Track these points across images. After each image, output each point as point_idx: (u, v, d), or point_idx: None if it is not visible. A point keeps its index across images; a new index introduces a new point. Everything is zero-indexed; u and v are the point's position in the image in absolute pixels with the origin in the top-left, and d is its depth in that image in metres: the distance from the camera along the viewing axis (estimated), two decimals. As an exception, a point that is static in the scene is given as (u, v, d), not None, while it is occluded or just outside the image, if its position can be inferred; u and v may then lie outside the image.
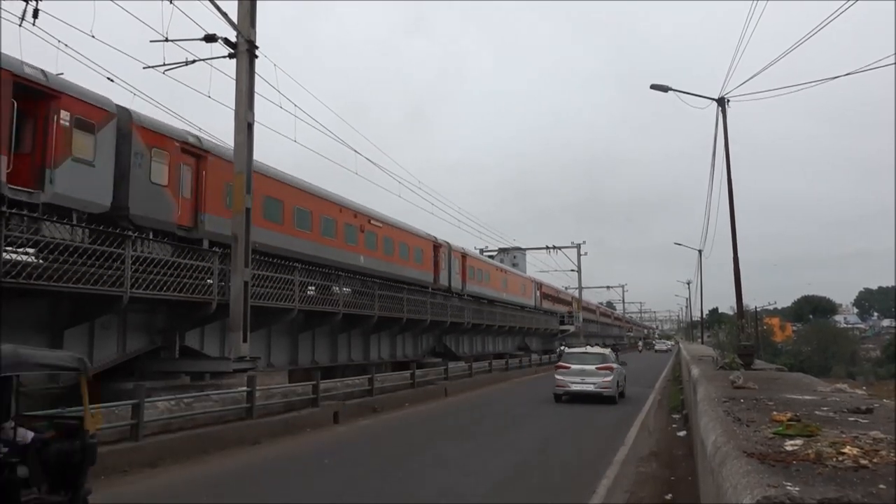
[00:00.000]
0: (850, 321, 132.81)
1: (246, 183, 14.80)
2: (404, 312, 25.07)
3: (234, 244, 14.64)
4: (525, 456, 11.75)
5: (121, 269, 12.11)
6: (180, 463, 10.56)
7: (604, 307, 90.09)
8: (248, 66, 14.75)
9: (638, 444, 12.74)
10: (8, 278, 10.14)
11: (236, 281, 14.56)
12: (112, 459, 9.57)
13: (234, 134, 14.88)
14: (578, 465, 11.00)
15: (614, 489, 8.99)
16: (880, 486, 2.80)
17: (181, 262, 13.78)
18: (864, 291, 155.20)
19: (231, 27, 14.54)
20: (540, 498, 8.91)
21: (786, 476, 2.99)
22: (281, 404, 14.89)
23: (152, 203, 14.10)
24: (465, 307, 33.24)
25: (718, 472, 3.60)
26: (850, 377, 49.82)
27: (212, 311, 14.71)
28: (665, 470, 10.13)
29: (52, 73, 12.11)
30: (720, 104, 18.87)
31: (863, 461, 3.30)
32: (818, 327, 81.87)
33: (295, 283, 17.68)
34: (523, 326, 45.33)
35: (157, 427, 11.12)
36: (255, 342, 16.20)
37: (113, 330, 13.73)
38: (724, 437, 4.29)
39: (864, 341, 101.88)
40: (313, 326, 20.27)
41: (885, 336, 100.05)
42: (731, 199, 19.05)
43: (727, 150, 19.29)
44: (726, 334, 27.96)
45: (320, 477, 9.96)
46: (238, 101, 14.81)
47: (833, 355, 69.40)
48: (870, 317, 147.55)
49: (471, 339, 36.89)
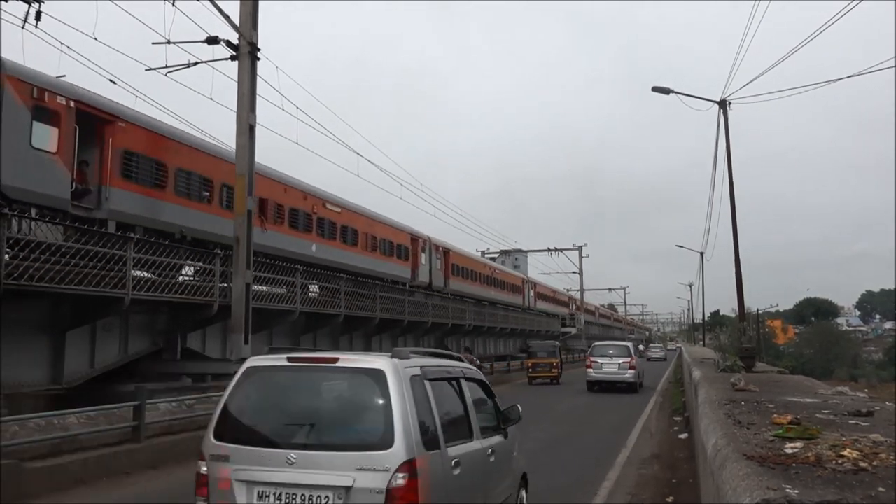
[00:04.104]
0: (853, 323, 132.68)
1: (248, 185, 14.81)
2: (406, 315, 25.11)
3: (235, 246, 14.66)
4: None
5: (122, 271, 12.14)
6: (182, 465, 10.52)
7: (604, 309, 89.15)
8: (249, 68, 14.77)
9: (639, 447, 12.73)
10: (9, 280, 10.15)
11: (238, 283, 14.58)
12: (114, 461, 9.58)
13: (236, 136, 14.90)
14: (579, 465, 10.98)
15: (616, 491, 8.99)
16: (879, 488, 2.80)
17: (79, 249, 11.61)
18: (866, 294, 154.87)
19: (233, 29, 14.57)
20: (540, 498, 8.90)
21: (785, 478, 3.00)
22: (282, 406, 14.87)
23: (34, 173, 11.70)
24: (466, 309, 33.20)
25: (718, 474, 3.61)
26: (853, 379, 49.78)
27: (213, 313, 14.74)
28: (666, 472, 10.13)
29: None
30: (722, 106, 18.89)
31: (862, 464, 3.30)
32: (820, 330, 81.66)
33: (296, 284, 17.71)
34: (525, 328, 45.33)
35: (159, 429, 11.11)
36: (256, 344, 16.21)
37: (115, 332, 13.76)
38: (725, 440, 4.30)
39: (867, 344, 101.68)
40: (315, 328, 20.29)
41: (887, 338, 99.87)
42: (732, 202, 19.07)
43: (729, 152, 19.34)
44: (728, 337, 27.98)
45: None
46: (240, 104, 14.83)
47: (835, 358, 69.27)
48: (872, 319, 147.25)
49: (472, 341, 36.91)
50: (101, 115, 13.35)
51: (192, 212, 15.46)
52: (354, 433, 4.52)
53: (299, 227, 19.77)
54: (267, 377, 4.83)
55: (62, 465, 8.79)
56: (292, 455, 4.27)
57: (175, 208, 14.95)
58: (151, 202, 14.44)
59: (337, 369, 4.69)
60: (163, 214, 14.60)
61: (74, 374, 12.66)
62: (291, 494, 4.22)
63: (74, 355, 12.69)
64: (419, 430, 4.33)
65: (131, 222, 13.71)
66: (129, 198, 13.76)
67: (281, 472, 4.25)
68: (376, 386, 4.40)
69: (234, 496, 4.34)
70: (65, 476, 8.67)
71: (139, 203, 14.06)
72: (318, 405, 4.80)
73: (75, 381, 12.67)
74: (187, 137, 15.81)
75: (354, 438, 4.45)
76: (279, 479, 4.25)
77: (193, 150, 15.91)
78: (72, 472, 8.79)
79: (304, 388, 4.81)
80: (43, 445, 8.91)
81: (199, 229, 15.54)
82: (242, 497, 4.32)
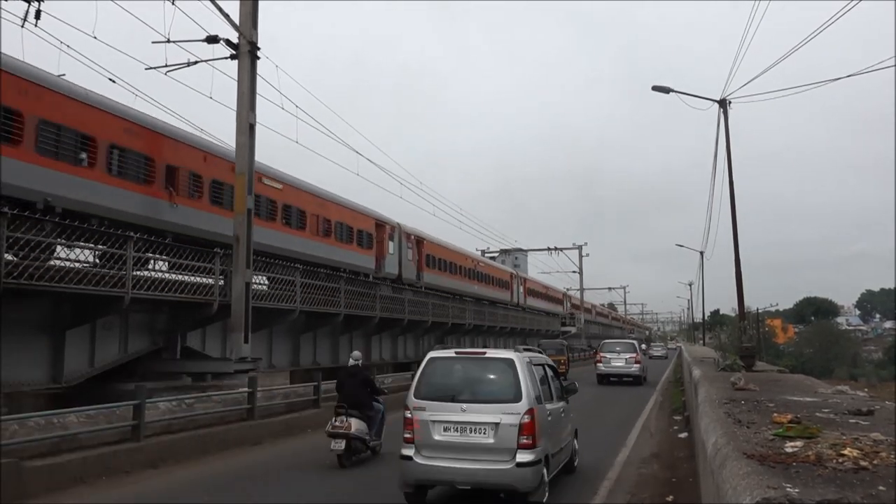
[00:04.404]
0: (852, 323, 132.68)
1: (248, 184, 14.81)
2: (406, 314, 25.07)
3: (235, 245, 14.66)
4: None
5: (123, 270, 12.13)
6: (182, 464, 10.57)
7: (600, 307, 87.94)
8: (249, 67, 14.77)
9: (639, 446, 12.72)
10: (9, 278, 10.14)
11: (237, 282, 14.58)
12: (113, 460, 9.58)
13: (236, 135, 14.90)
14: (580, 465, 10.97)
15: (616, 490, 8.99)
16: (880, 487, 2.80)
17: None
18: (866, 293, 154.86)
19: (233, 28, 14.57)
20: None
21: (786, 477, 3.00)
22: (282, 405, 14.90)
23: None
24: (466, 308, 33.18)
25: (719, 473, 3.60)
26: (853, 379, 49.77)
27: (213, 312, 14.73)
28: (666, 471, 10.12)
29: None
30: (722, 105, 18.88)
31: (863, 463, 3.30)
32: (820, 329, 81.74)
33: (297, 283, 17.70)
34: (525, 328, 45.39)
35: (159, 428, 11.12)
36: (256, 343, 16.22)
37: (115, 330, 13.76)
38: (725, 439, 4.29)
39: (866, 343, 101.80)
40: (315, 327, 20.29)
41: (887, 338, 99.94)
42: (732, 201, 19.06)
43: (729, 151, 19.33)
44: (728, 336, 27.99)
45: (321, 478, 9.97)
46: (239, 102, 14.84)
47: (835, 357, 69.35)
48: (872, 318, 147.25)
49: (472, 339, 36.92)
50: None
51: (61, 176, 12.18)
52: (499, 393, 7.70)
53: (223, 203, 15.92)
54: (443, 362, 8.23)
55: (62, 463, 8.79)
56: (463, 406, 7.54)
57: (35, 170, 11.62)
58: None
59: (486, 358, 8.26)
60: (15, 177, 11.18)
61: (74, 372, 12.66)
62: (464, 427, 7.46)
63: (74, 354, 12.68)
64: (532, 393, 7.62)
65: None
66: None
67: (457, 415, 7.49)
68: (509, 368, 7.73)
69: (430, 429, 7.57)
70: (64, 475, 8.68)
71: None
72: (475, 377, 8.08)
73: (75, 380, 12.66)
74: (57, 82, 12.34)
75: (499, 396, 7.64)
76: (456, 419, 7.49)
77: (68, 98, 12.46)
78: (71, 470, 8.80)
79: (467, 368, 8.24)
80: (43, 444, 8.92)
81: (71, 199, 12.27)
82: (435, 430, 7.54)
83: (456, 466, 7.46)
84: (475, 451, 7.46)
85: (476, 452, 7.46)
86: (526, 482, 7.33)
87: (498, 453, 7.38)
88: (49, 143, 12.01)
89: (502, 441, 7.37)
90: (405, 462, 7.68)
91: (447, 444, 7.50)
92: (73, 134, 12.48)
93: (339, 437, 10.41)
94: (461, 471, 7.46)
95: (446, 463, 7.47)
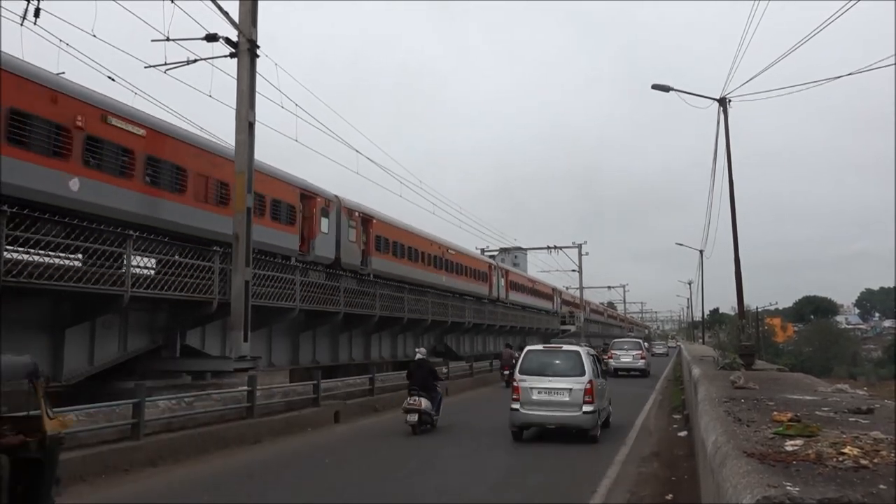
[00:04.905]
0: (852, 321, 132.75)
1: (248, 182, 14.79)
2: (406, 313, 25.05)
3: (235, 243, 14.65)
4: (524, 458, 11.74)
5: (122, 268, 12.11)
6: (181, 462, 10.57)
7: (596, 304, 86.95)
8: (249, 65, 14.76)
9: (639, 445, 12.73)
10: (9, 277, 10.14)
11: (237, 280, 14.57)
12: (113, 458, 9.59)
13: (236, 133, 14.88)
14: (579, 466, 10.98)
15: (615, 489, 8.99)
16: (881, 486, 2.79)
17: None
18: (865, 292, 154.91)
19: (232, 26, 14.55)
20: (540, 497, 8.91)
21: (786, 476, 2.99)
22: (282, 404, 14.91)
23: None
24: (465, 307, 33.16)
25: (718, 471, 3.60)
26: (852, 377, 49.79)
27: (213, 311, 14.72)
28: (666, 470, 10.13)
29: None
30: (721, 104, 18.87)
31: (863, 461, 3.30)
32: (819, 328, 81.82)
33: (296, 282, 17.69)
34: (524, 326, 45.42)
35: (158, 426, 11.13)
36: (256, 341, 16.21)
37: (114, 329, 13.74)
38: (725, 437, 4.29)
39: (866, 342, 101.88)
40: (314, 325, 20.28)
41: (886, 336, 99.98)
42: (732, 200, 19.06)
43: (728, 150, 19.32)
44: (727, 334, 27.94)
45: (321, 476, 9.97)
46: (239, 101, 14.82)
47: (834, 356, 69.44)
48: (871, 317, 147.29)
49: (472, 338, 36.94)
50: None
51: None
52: (571, 371, 12.89)
53: (48, 148, 11.69)
54: (536, 352, 13.90)
55: (61, 462, 8.77)
56: (549, 378, 12.88)
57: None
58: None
59: (563, 350, 14.15)
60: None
61: (74, 371, 12.65)
62: (550, 391, 12.71)
63: (74, 352, 12.67)
64: (592, 370, 12.93)
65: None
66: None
67: (545, 383, 12.80)
68: (577, 356, 13.24)
69: (529, 393, 12.78)
70: (64, 473, 8.65)
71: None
72: (556, 361, 13.35)
73: (74, 379, 12.66)
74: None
75: (571, 372, 12.83)
76: (545, 385, 12.78)
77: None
78: (71, 469, 8.76)
79: (551, 355, 13.78)
80: (42, 443, 8.89)
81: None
82: (532, 393, 12.76)
83: (546, 413, 12.63)
84: (557, 405, 12.57)
85: (557, 406, 12.57)
86: (588, 423, 12.46)
87: (571, 407, 12.47)
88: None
89: (574, 399, 12.47)
90: (514, 412, 12.77)
91: (539, 401, 12.62)
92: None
93: (413, 411, 13.87)
94: (549, 416, 12.65)
95: (540, 411, 12.64)
